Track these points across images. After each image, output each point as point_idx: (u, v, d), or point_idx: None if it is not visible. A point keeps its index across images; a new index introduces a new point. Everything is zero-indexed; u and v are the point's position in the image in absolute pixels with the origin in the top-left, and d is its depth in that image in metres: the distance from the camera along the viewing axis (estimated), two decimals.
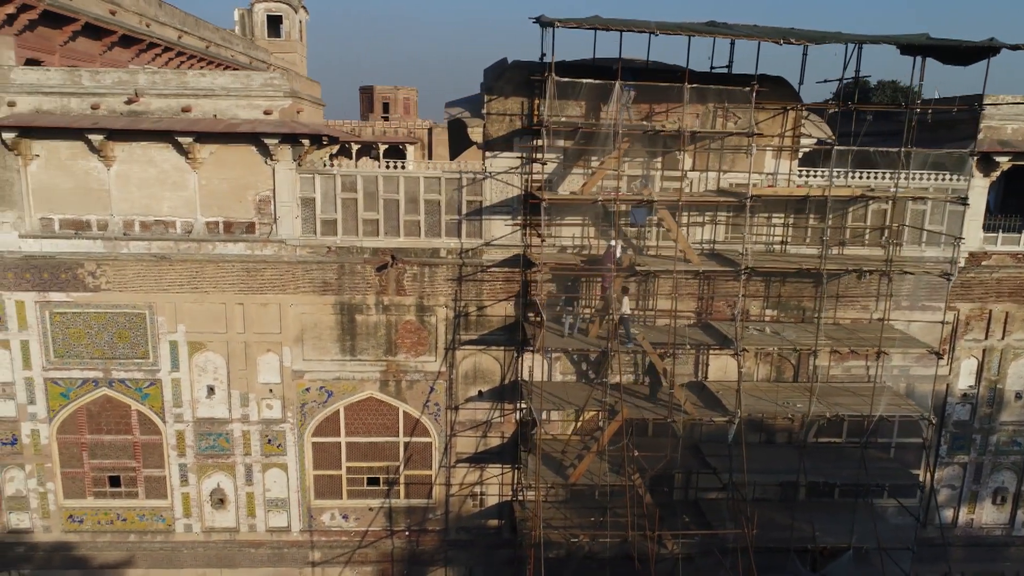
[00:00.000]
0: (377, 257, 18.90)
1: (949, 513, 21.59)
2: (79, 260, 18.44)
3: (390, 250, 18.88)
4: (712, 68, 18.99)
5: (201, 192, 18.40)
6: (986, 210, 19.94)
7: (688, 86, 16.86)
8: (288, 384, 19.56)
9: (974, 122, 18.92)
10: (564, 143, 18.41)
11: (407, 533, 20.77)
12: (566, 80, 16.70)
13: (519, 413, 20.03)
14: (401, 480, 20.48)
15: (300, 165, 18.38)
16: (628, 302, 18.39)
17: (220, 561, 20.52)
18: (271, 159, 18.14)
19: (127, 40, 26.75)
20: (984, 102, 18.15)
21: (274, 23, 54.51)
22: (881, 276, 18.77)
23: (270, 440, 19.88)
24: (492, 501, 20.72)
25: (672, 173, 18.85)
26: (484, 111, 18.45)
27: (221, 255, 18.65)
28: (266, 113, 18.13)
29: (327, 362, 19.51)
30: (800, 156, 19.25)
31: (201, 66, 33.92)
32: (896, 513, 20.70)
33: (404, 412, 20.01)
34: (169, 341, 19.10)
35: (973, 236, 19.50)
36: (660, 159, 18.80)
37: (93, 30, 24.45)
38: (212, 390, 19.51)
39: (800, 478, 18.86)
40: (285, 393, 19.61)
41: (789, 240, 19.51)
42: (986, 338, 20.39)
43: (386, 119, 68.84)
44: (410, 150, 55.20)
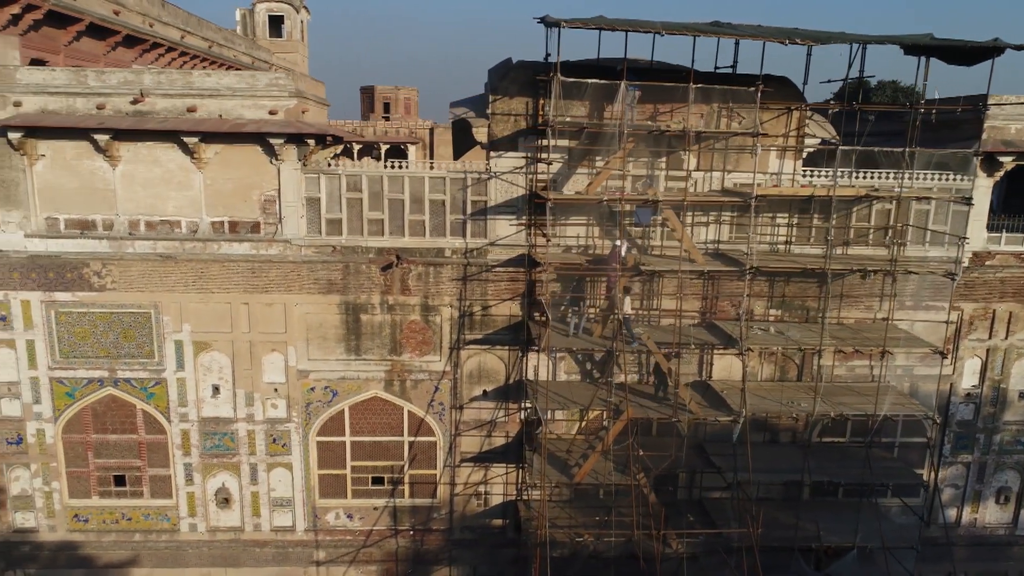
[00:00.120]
0: (382, 257, 18.93)
1: (952, 512, 21.63)
2: (84, 260, 18.47)
3: (395, 250, 18.91)
4: (716, 68, 19.02)
5: (206, 192, 18.43)
6: (989, 210, 19.98)
7: (693, 86, 16.89)
8: (293, 384, 19.59)
9: (977, 122, 18.96)
10: (569, 143, 18.42)
11: (411, 532, 20.79)
12: (571, 80, 16.72)
13: (523, 413, 20.06)
14: (406, 479, 20.51)
15: (305, 165, 18.40)
16: (630, 302, 18.41)
17: (225, 560, 20.56)
18: (276, 159, 18.16)
19: (131, 40, 26.82)
20: (988, 102, 18.17)
21: (275, 23, 54.59)
22: (885, 276, 18.80)
23: (275, 440, 19.91)
24: (496, 500, 20.76)
25: (676, 173, 18.87)
26: (489, 111, 18.47)
27: (226, 255, 18.68)
28: (271, 113, 18.15)
29: (332, 362, 19.54)
30: (804, 156, 19.28)
31: (204, 66, 33.96)
32: (900, 512, 20.72)
33: (409, 412, 20.04)
34: (174, 341, 19.13)
35: (977, 236, 19.53)
36: (664, 159, 18.83)
37: (97, 30, 24.51)
38: (217, 390, 19.54)
39: (804, 477, 18.90)
40: (290, 393, 19.64)
41: (793, 240, 19.54)
42: (990, 338, 20.43)
43: (387, 119, 68.87)
44: (411, 150, 55.32)
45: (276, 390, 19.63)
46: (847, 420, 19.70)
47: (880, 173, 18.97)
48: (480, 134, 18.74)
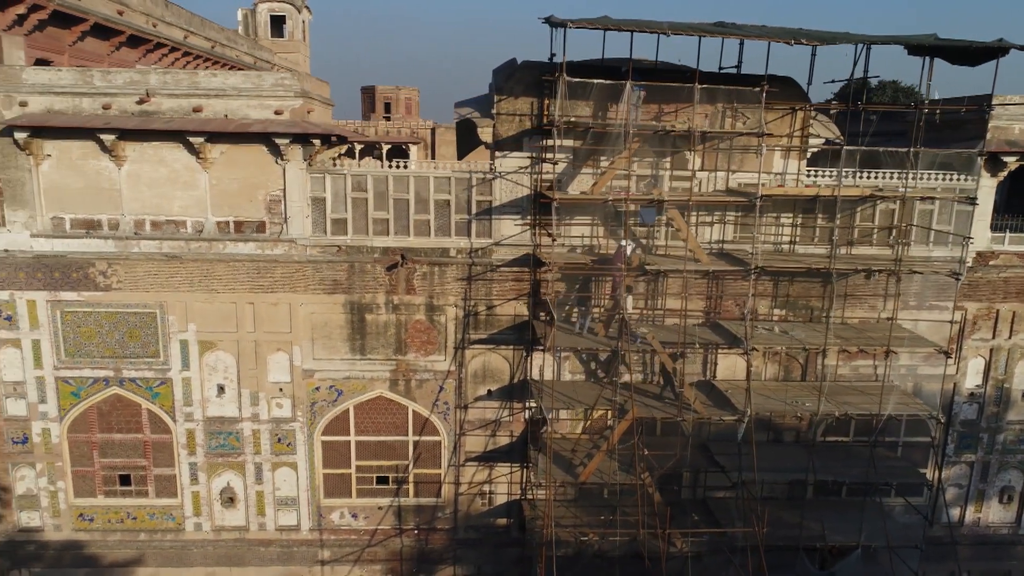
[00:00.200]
0: (387, 256, 18.96)
1: (956, 512, 21.66)
2: (90, 259, 18.49)
3: (400, 249, 18.94)
4: (721, 68, 19.05)
5: (212, 192, 18.46)
6: (993, 210, 20.01)
7: (698, 86, 16.92)
8: (298, 383, 19.61)
9: (981, 122, 18.99)
10: (573, 143, 18.45)
11: (416, 532, 20.83)
12: (577, 80, 16.76)
13: (528, 412, 20.10)
14: (410, 479, 20.54)
15: (310, 165, 18.43)
16: (631, 301, 18.44)
17: (230, 560, 20.59)
18: (282, 159, 18.19)
19: (134, 40, 26.82)
20: (993, 102, 18.19)
21: (277, 23, 54.64)
22: (889, 275, 18.84)
23: (280, 439, 19.94)
24: (501, 500, 20.79)
25: (681, 173, 18.90)
26: (494, 111, 18.50)
27: (232, 254, 18.71)
28: (277, 113, 18.18)
29: (337, 361, 19.57)
30: (808, 156, 19.32)
31: (207, 66, 33.98)
32: (903, 512, 20.76)
33: (413, 411, 20.07)
34: (179, 340, 19.15)
35: (980, 236, 19.57)
36: (669, 159, 18.86)
37: (101, 30, 24.52)
38: (222, 389, 19.57)
39: (808, 477, 18.92)
40: (295, 392, 19.67)
41: (797, 240, 19.57)
42: (993, 337, 20.46)
43: (388, 119, 68.87)
44: (413, 150, 55.32)
45: (281, 390, 19.65)
46: (851, 419, 19.70)
47: (884, 173, 19.01)
48: (485, 134, 18.76)
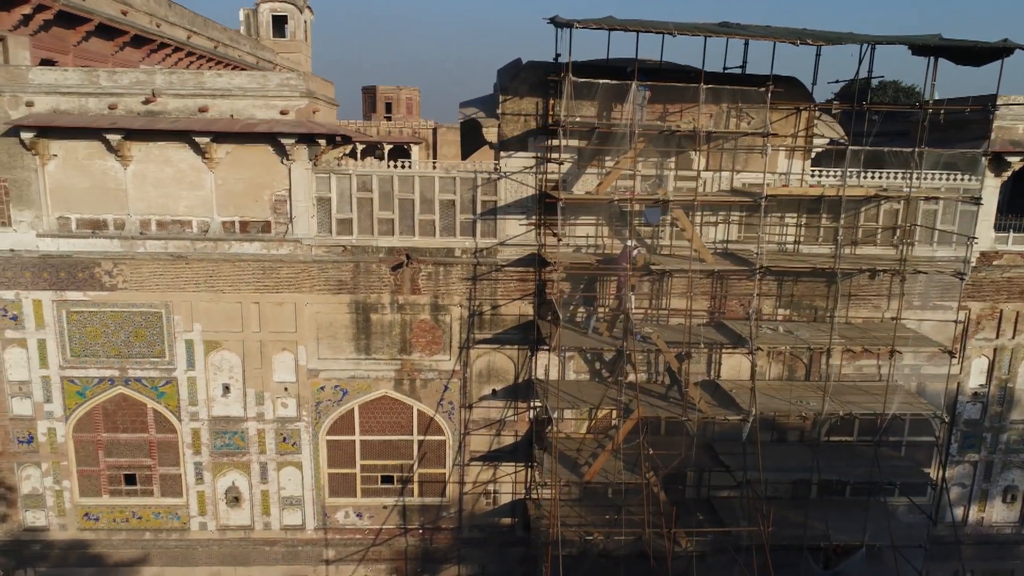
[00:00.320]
0: (392, 256, 19.00)
1: (959, 511, 21.69)
2: (96, 259, 18.52)
3: (405, 249, 18.98)
4: (725, 68, 19.09)
5: (217, 192, 18.49)
6: (996, 210, 20.04)
7: (704, 86, 16.96)
8: (303, 383, 19.65)
9: (985, 122, 19.02)
10: (579, 143, 18.48)
11: (421, 531, 20.86)
12: (583, 80, 16.80)
13: (533, 412, 20.13)
14: (415, 478, 20.57)
15: (316, 165, 18.47)
16: (635, 300, 18.47)
17: (235, 559, 20.62)
18: (287, 159, 18.22)
19: (138, 40, 26.90)
20: (997, 102, 18.23)
21: (279, 23, 54.65)
22: (893, 275, 18.87)
23: (285, 438, 19.97)
24: (505, 499, 20.81)
25: (685, 173, 18.94)
26: (499, 111, 18.53)
27: (237, 254, 18.74)
28: (282, 113, 18.21)
29: (342, 361, 19.60)
30: (812, 156, 19.35)
31: (210, 66, 34.06)
32: (907, 511, 20.80)
33: (418, 411, 20.10)
34: (185, 340, 19.18)
35: (984, 236, 19.59)
36: (673, 159, 18.90)
37: (106, 30, 24.58)
38: (227, 389, 19.60)
39: (813, 476, 18.96)
40: (300, 392, 19.70)
41: (801, 240, 19.61)
42: (997, 337, 20.50)
43: (389, 119, 68.93)
44: (415, 150, 55.40)
45: (286, 389, 19.69)
46: (855, 419, 19.75)
47: (888, 173, 19.04)
48: (490, 134, 18.79)
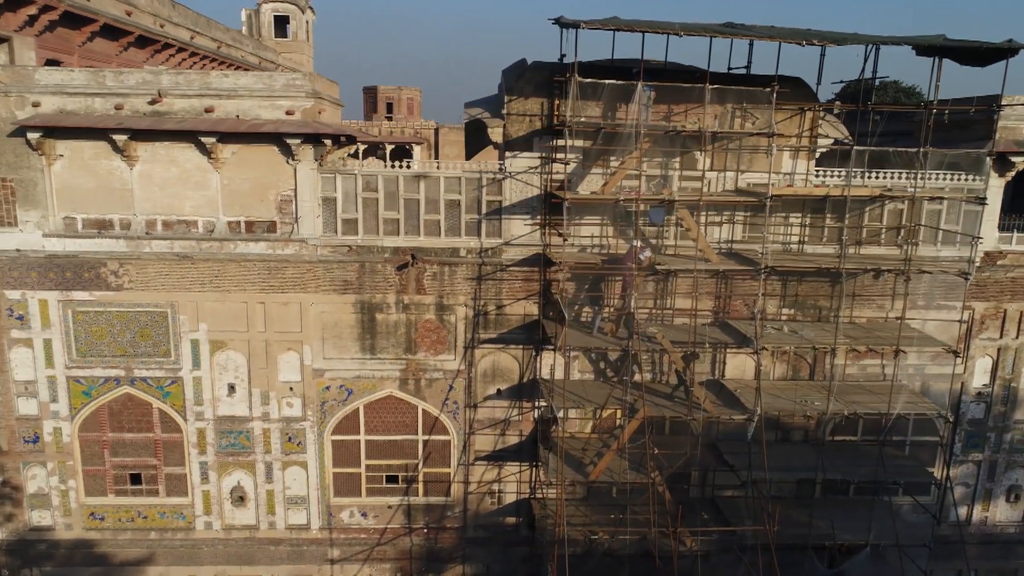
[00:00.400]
0: (397, 256, 19.03)
1: (963, 511, 21.73)
2: (102, 259, 18.55)
3: (410, 249, 19.01)
4: (730, 69, 19.14)
5: (223, 192, 18.52)
6: (1000, 210, 20.08)
7: (709, 87, 17.00)
8: (308, 382, 19.68)
9: (989, 122, 19.06)
10: (584, 143, 18.52)
11: (425, 531, 20.89)
12: (588, 81, 16.84)
13: (537, 411, 20.16)
14: (420, 478, 20.60)
15: (321, 165, 18.50)
16: (635, 301, 18.49)
17: (240, 558, 20.65)
18: (293, 159, 18.26)
19: (143, 41, 26.93)
20: (1002, 103, 18.26)
21: (280, 24, 54.61)
22: (897, 275, 18.91)
23: (290, 438, 20.01)
24: (510, 499, 20.85)
25: (690, 173, 18.97)
26: (504, 111, 18.56)
27: (243, 254, 18.77)
28: (288, 113, 18.25)
29: (347, 360, 19.63)
30: (816, 156, 19.39)
31: (213, 66, 34.09)
32: (911, 511, 20.82)
33: (423, 410, 20.13)
34: (190, 340, 19.22)
35: (988, 236, 19.62)
36: (678, 159, 18.94)
37: (110, 31, 24.61)
38: (233, 388, 19.64)
39: (817, 476, 18.98)
40: (305, 391, 19.73)
41: (806, 240, 19.64)
42: (1001, 337, 20.54)
43: (390, 119, 69.00)
44: (416, 150, 55.30)
45: (291, 389, 19.72)
46: (859, 419, 19.78)
47: (893, 173, 19.08)
48: (495, 134, 18.84)
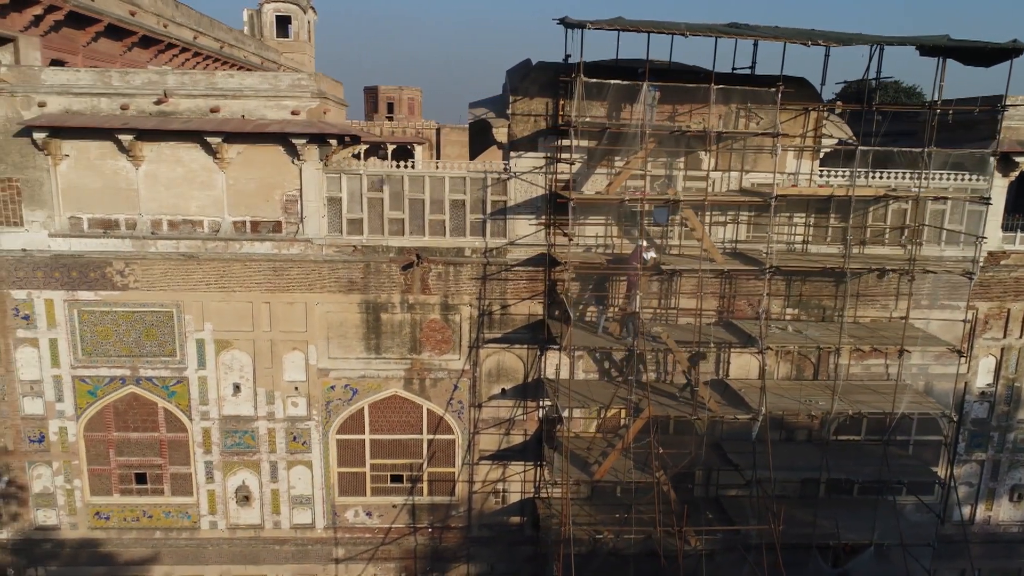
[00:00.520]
0: (402, 256, 19.06)
1: (967, 510, 21.77)
2: (107, 259, 18.58)
3: (415, 249, 19.04)
4: (734, 69, 19.16)
5: (229, 192, 18.55)
6: (1004, 210, 20.11)
7: (714, 87, 17.04)
8: (313, 382, 19.71)
9: (992, 122, 19.07)
10: (588, 143, 18.55)
11: (430, 530, 20.92)
12: (594, 81, 16.88)
13: (542, 411, 20.20)
14: (424, 477, 20.63)
15: (327, 165, 18.53)
16: (638, 301, 18.55)
17: (245, 558, 20.69)
18: (298, 159, 18.29)
19: (146, 41, 26.99)
20: (1006, 103, 18.30)
21: (282, 24, 54.67)
22: (901, 275, 18.95)
23: (295, 437, 20.04)
24: (514, 498, 20.88)
25: (694, 173, 19.02)
26: (509, 111, 18.58)
27: (248, 254, 18.80)
28: (294, 113, 18.28)
29: (352, 360, 19.66)
30: (820, 156, 19.42)
31: (216, 67, 34.16)
32: (915, 510, 20.88)
33: (428, 410, 20.17)
34: (196, 339, 19.25)
35: (992, 235, 19.64)
36: (683, 159, 18.98)
37: (115, 31, 24.68)
38: (238, 388, 19.67)
39: (822, 475, 19.02)
40: (310, 391, 19.76)
41: (810, 239, 19.68)
42: (1004, 337, 20.57)
43: (391, 119, 69.05)
44: (418, 150, 55.36)
45: (296, 388, 19.75)
46: (863, 418, 19.81)
47: (897, 173, 19.12)
48: (500, 134, 18.85)
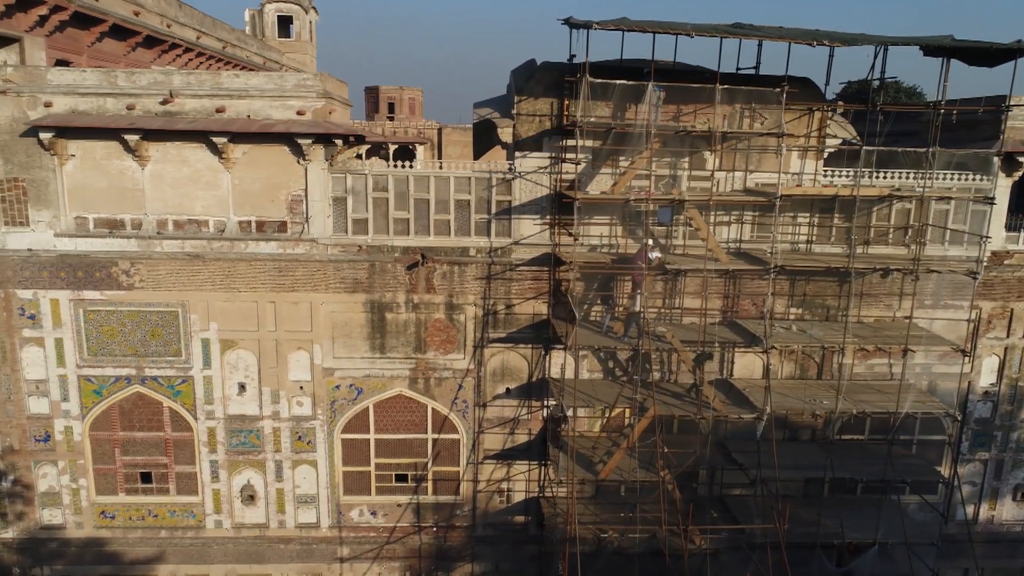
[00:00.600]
0: (407, 256, 19.10)
1: (970, 509, 21.80)
2: (113, 259, 18.62)
3: (420, 249, 19.08)
4: (738, 69, 19.20)
5: (234, 191, 18.59)
6: (1007, 209, 20.15)
7: (719, 87, 17.08)
8: (318, 382, 19.75)
9: (996, 122, 19.12)
10: (593, 143, 18.60)
11: (435, 529, 20.96)
12: (599, 81, 16.92)
13: (546, 410, 20.24)
14: (429, 476, 20.67)
15: (332, 165, 18.58)
16: (641, 300, 18.59)
17: (250, 557, 20.73)
18: (304, 159, 18.33)
19: (150, 41, 27.01)
20: (1010, 103, 18.34)
21: (284, 24, 54.69)
22: (905, 275, 18.99)
23: (300, 437, 20.08)
24: (519, 497, 20.91)
25: (699, 173, 19.06)
26: (514, 112, 18.62)
27: (253, 254, 18.84)
28: (299, 114, 18.31)
29: (357, 360, 19.70)
30: (825, 156, 19.47)
31: (219, 67, 34.20)
32: (918, 509, 20.92)
33: (432, 409, 20.21)
34: (201, 339, 19.28)
35: (996, 235, 19.66)
36: (688, 159, 19.02)
37: (119, 31, 24.71)
38: (243, 387, 19.71)
39: (826, 474, 19.07)
40: (315, 390, 19.80)
41: (814, 239, 19.73)
42: (1007, 336, 20.61)
43: (391, 119, 69.11)
44: (420, 150, 55.37)
45: (302, 388, 19.79)
46: (866, 417, 19.86)
47: (901, 173, 19.16)
48: (505, 134, 18.90)
